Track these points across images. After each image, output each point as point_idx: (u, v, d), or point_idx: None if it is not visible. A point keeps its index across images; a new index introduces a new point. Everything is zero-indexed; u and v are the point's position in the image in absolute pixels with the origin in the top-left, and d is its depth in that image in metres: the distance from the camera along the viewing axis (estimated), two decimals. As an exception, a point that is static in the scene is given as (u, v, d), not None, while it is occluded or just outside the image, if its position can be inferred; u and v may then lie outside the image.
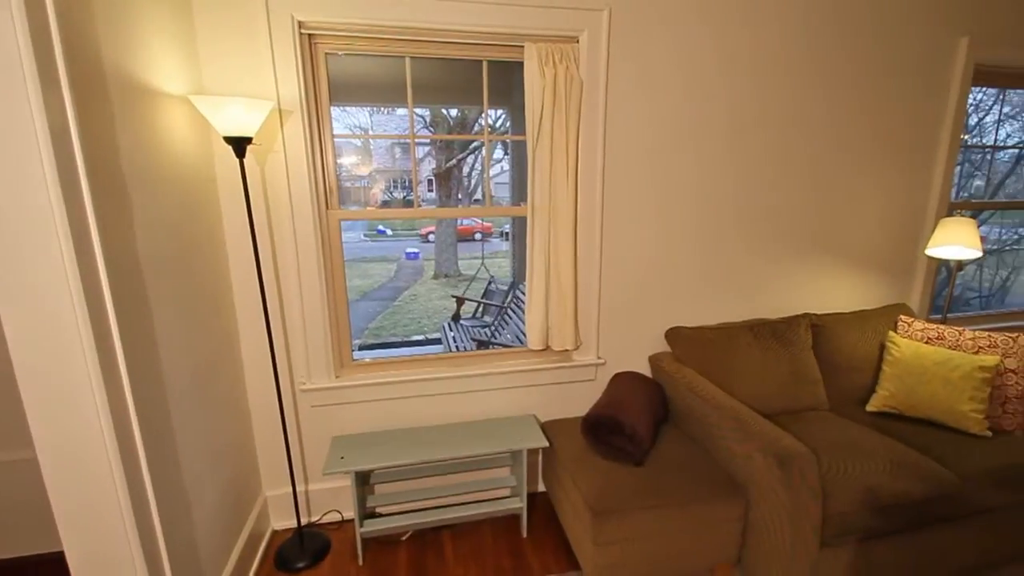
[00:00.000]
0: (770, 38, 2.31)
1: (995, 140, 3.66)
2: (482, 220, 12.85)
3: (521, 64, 2.08)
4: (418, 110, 7.92)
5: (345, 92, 3.99)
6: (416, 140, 2.29)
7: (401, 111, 10.31)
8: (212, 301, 1.84)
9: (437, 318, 7.78)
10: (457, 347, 4.81)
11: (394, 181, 13.83)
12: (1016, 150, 3.60)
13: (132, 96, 1.39)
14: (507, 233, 11.47)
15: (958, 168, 2.81)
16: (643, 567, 1.85)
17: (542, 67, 2.04)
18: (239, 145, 1.70)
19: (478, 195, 9.72)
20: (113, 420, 1.23)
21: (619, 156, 2.28)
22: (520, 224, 4.95)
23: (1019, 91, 3.08)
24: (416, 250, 11.98)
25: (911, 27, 2.47)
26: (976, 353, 2.18)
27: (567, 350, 2.38)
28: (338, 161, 2.13)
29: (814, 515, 1.69)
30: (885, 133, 2.58)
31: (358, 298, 8.97)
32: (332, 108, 2.07)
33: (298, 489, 2.29)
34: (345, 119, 9.87)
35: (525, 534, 2.24)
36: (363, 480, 2.24)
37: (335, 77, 2.08)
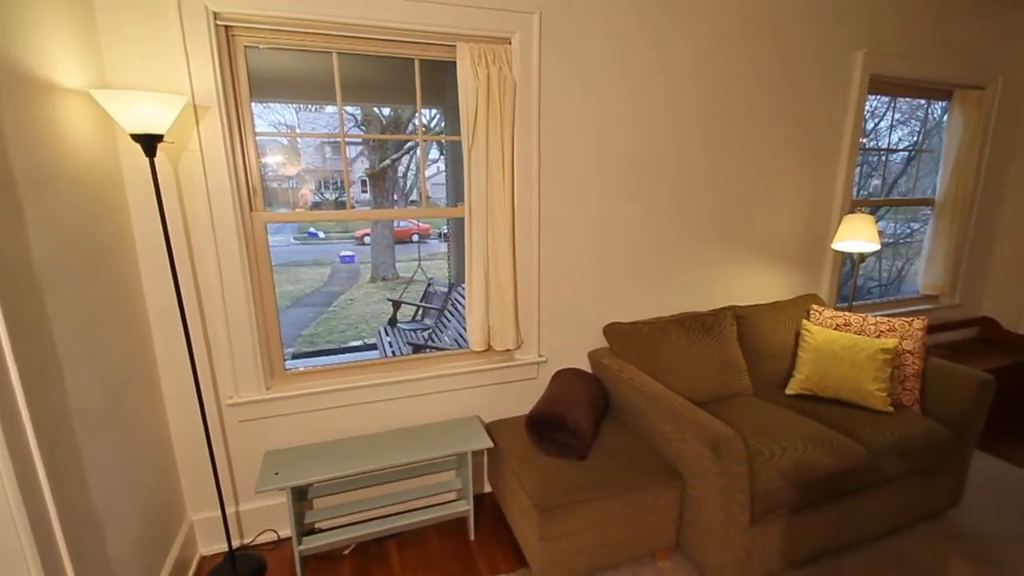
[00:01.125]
0: (691, 53, 2.43)
1: (888, 143, 4.06)
2: (419, 221, 12.66)
3: (454, 64, 2.06)
4: (349, 108, 7.67)
5: (268, 87, 3.79)
6: (347, 139, 2.22)
7: (331, 109, 9.95)
8: (121, 313, 1.68)
9: (375, 323, 7.57)
10: (393, 352, 4.70)
11: (325, 182, 13.32)
12: (906, 152, 4.01)
13: (17, 90, 1.24)
14: (445, 234, 11.36)
15: (858, 169, 3.08)
16: (589, 558, 1.89)
17: (475, 67, 2.03)
18: (148, 143, 1.57)
19: (414, 196, 9.56)
20: (9, 450, 1.09)
21: (555, 157, 2.31)
22: (458, 225, 4.91)
23: (907, 99, 3.44)
24: (351, 253, 11.60)
25: (815, 41, 2.69)
26: (878, 337, 2.40)
27: (509, 350, 2.38)
28: (262, 160, 2.02)
29: (744, 494, 1.79)
30: (796, 139, 2.79)
31: (289, 304, 8.56)
32: (254, 104, 1.96)
33: (228, 510, 2.14)
34: (269, 116, 9.39)
35: (473, 536, 2.23)
36: (300, 496, 2.14)
37: (257, 71, 1.96)
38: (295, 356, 6.45)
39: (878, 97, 3.15)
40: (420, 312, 6.27)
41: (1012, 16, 3.14)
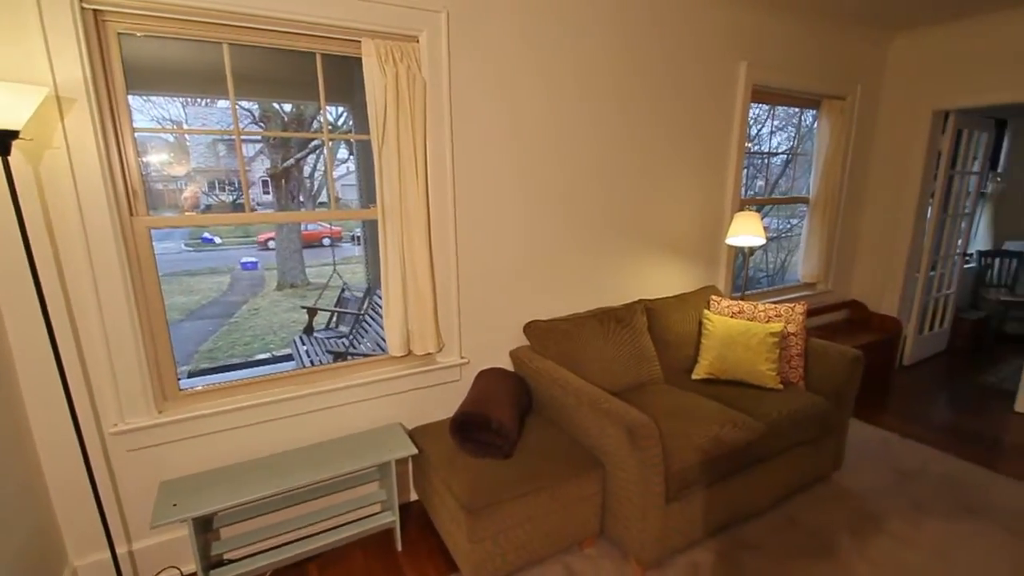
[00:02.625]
0: (599, 62, 2.54)
1: (769, 147, 4.51)
2: (331, 224, 12.08)
3: (360, 60, 1.98)
4: (244, 103, 7.14)
5: (149, 79, 3.42)
6: (243, 137, 2.06)
7: (223, 103, 9.21)
8: (-30, 338, 1.44)
9: (285, 333, 7.12)
10: (312, 362, 4.45)
11: (220, 182, 12.30)
12: (785, 155, 4.47)
13: None
14: (359, 237, 10.95)
15: (744, 171, 3.38)
16: (518, 555, 1.91)
17: (382, 64, 1.97)
18: (2, 141, 1.35)
19: (323, 198, 9.09)
20: None
21: (469, 157, 2.30)
22: (372, 227, 4.75)
23: (784, 107, 3.83)
24: (254, 259, 10.81)
25: (706, 52, 2.91)
26: (767, 322, 2.65)
27: (430, 353, 2.34)
28: (144, 159, 1.82)
29: (659, 475, 1.90)
30: (693, 144, 3.01)
31: (183, 318, 7.81)
32: (131, 97, 1.76)
33: (120, 550, 1.91)
34: (151, 110, 8.51)
35: (400, 548, 2.16)
36: (204, 526, 1.95)
37: (135, 61, 1.77)
38: (192, 374, 5.90)
39: (760, 105, 3.47)
40: (335, 319, 6.00)
41: (867, 35, 3.60)
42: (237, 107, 1.97)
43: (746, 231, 2.93)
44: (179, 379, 1.99)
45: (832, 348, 2.57)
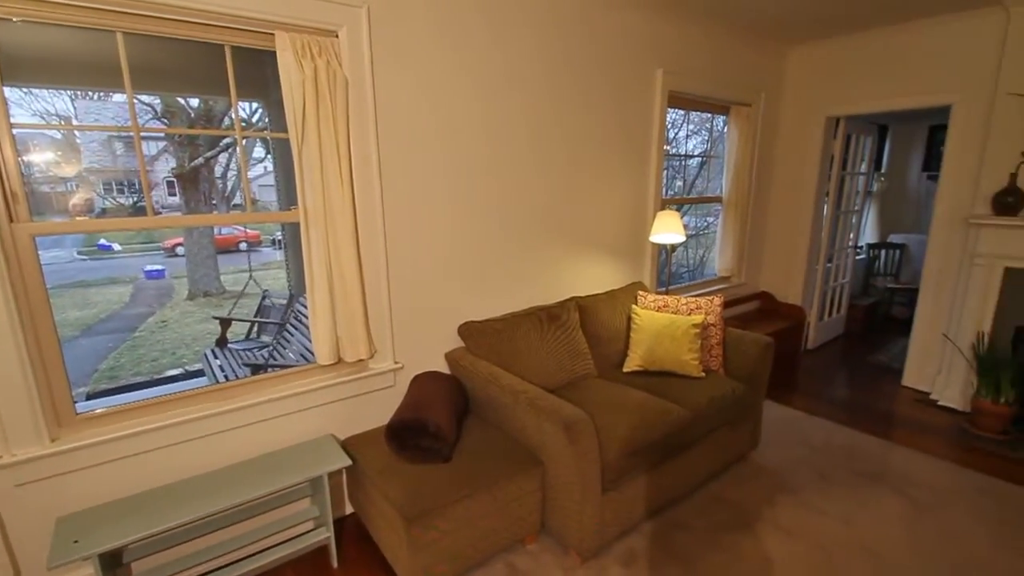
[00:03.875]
0: (525, 62, 2.57)
1: (686, 150, 4.78)
2: (247, 228, 11.36)
3: (275, 54, 1.87)
4: (144, 97, 6.55)
5: (29, 69, 3.04)
6: (143, 133, 1.88)
7: (120, 97, 8.39)
8: None
9: (200, 346, 6.61)
10: (226, 376, 4.16)
11: (117, 184, 11.21)
12: (700, 158, 4.75)
13: None
14: (280, 241, 10.38)
15: (664, 172, 3.55)
16: (460, 560, 1.89)
17: (299, 59, 1.88)
18: None
19: (238, 199, 8.53)
20: None
21: (396, 157, 2.25)
22: (294, 230, 4.52)
23: (698, 112, 4.07)
24: (160, 267, 9.94)
25: (627, 59, 3.03)
26: (689, 315, 2.80)
27: (362, 360, 2.26)
28: (24, 159, 1.61)
29: (595, 467, 1.95)
30: (617, 145, 3.12)
31: (78, 334, 7.04)
32: (7, 89, 1.56)
33: (3, 603, 1.68)
34: (33, 104, 7.59)
35: (336, 564, 2.07)
36: (113, 562, 1.77)
37: (12, 49, 1.56)
38: (92, 396, 5.33)
39: (676, 110, 3.67)
40: (256, 329, 5.65)
41: (768, 47, 3.91)
42: (136, 101, 1.80)
43: (668, 229, 3.08)
44: (75, 402, 1.78)
45: (747, 336, 2.77)
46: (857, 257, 5.40)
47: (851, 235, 4.81)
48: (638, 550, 2.13)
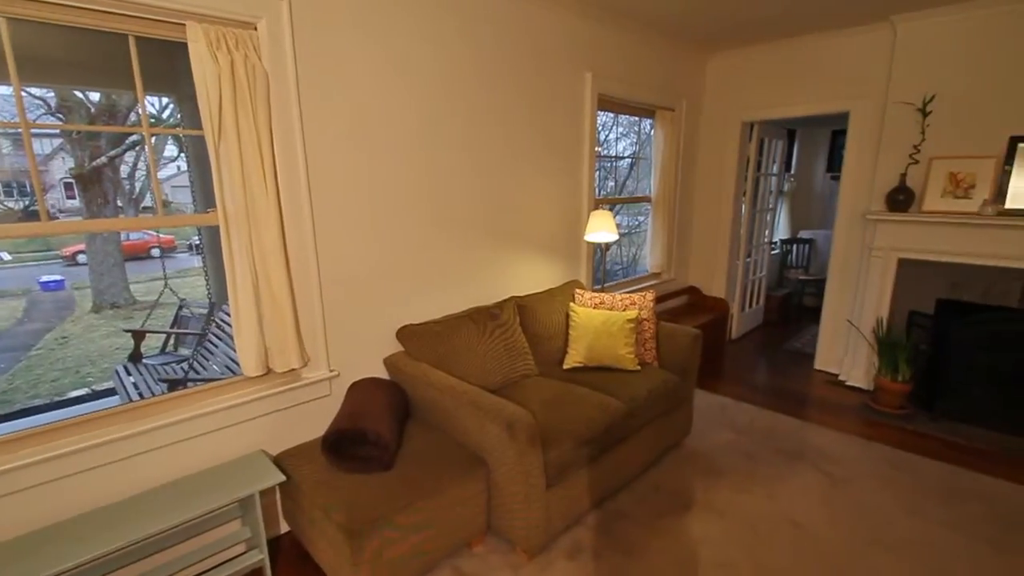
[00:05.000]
0: (460, 58, 2.54)
1: (616, 152, 4.94)
2: (159, 232, 10.51)
3: (187, 45, 1.74)
4: (35, 90, 5.89)
5: None
6: (34, 130, 1.69)
7: (5, 89, 7.50)
8: None
9: (108, 362, 6.03)
10: (141, 394, 3.83)
11: (5, 185, 10.02)
12: (629, 159, 4.92)
13: None
14: (197, 245, 9.68)
15: (597, 173, 3.65)
16: (405, 568, 1.84)
17: (213, 52, 1.75)
18: None
19: (148, 201, 7.86)
20: None
21: (325, 156, 2.16)
22: (213, 234, 4.22)
23: (626, 115, 4.21)
24: (59, 277, 8.97)
25: (558, 61, 3.08)
26: (624, 310, 2.89)
27: (293, 369, 2.15)
28: None
29: (539, 464, 1.97)
30: (551, 146, 3.17)
31: (-41, 355, 6.22)
32: None
33: None
34: None
35: (269, 588, 1.95)
36: (4, 612, 1.57)
37: None
38: (-22, 424, 4.72)
39: (606, 113, 3.78)
40: (173, 341, 5.24)
41: (689, 53, 4.11)
42: (24, 94, 1.61)
43: (601, 228, 3.17)
44: (-48, 434, 1.57)
45: (678, 329, 2.90)
46: (772, 252, 5.80)
47: (766, 232, 5.17)
48: (583, 542, 2.17)
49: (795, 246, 6.25)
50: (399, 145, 2.40)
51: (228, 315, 2.42)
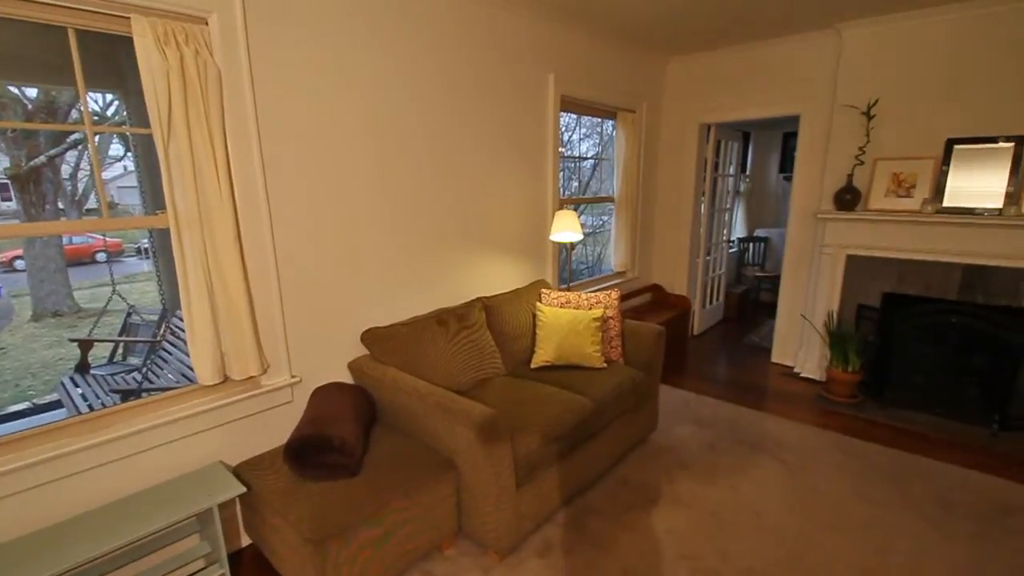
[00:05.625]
0: (424, 59, 2.52)
1: (579, 152, 5.00)
2: (105, 235, 9.98)
3: (132, 39, 1.66)
4: (-38, 85, 5.48)
5: None
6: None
7: (-74, 84, 6.95)
8: None
9: (51, 374, 5.68)
10: (91, 406, 3.63)
11: (-70, 188, 9.31)
12: (593, 160, 4.98)
13: None
14: (147, 249, 9.24)
15: (561, 173, 3.68)
16: (374, 575, 1.80)
17: (161, 47, 1.68)
18: None
19: (93, 203, 7.44)
20: None
21: (283, 155, 2.09)
22: (164, 237, 4.04)
23: (588, 117, 4.26)
24: (-7, 285, 8.40)
25: (521, 64, 3.10)
26: (590, 309, 2.92)
27: (252, 376, 2.07)
28: None
29: (509, 464, 1.97)
30: (517, 147, 3.17)
31: None
32: None
33: None
34: None
35: (230, 604, 1.88)
36: (-65, 647, 1.45)
37: None
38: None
39: (569, 114, 3.82)
40: (123, 350, 4.98)
41: (649, 57, 4.20)
42: (-55, 86, 1.50)
43: (566, 228, 3.19)
44: None
45: (642, 327, 2.95)
46: (730, 250, 5.99)
47: (724, 230, 5.34)
48: (554, 539, 2.18)
49: (751, 244, 6.48)
50: (360, 145, 2.36)
51: (182, 321, 2.32)
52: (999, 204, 3.00)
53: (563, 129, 3.80)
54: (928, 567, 2.02)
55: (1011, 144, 2.97)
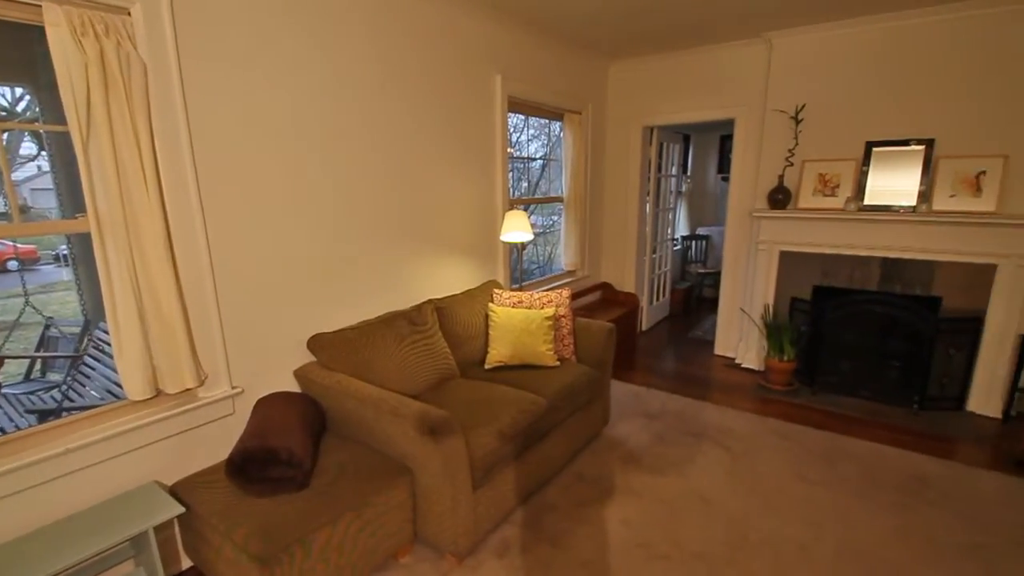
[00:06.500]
0: (365, 60, 2.46)
1: (528, 153, 5.04)
2: (16, 242, 9.12)
3: (44, 29, 1.53)
4: None
5: None
6: None
7: None
8: None
9: (-48, 396, 5.13)
10: (2, 428, 3.31)
11: None
12: (541, 160, 5.04)
13: None
14: (66, 256, 8.53)
15: (510, 174, 3.70)
16: (326, 592, 1.74)
17: (77, 38, 1.55)
18: None
19: (2, 206, 6.79)
20: None
21: (217, 156, 1.99)
22: (85, 242, 3.74)
23: (536, 118, 4.31)
24: None
25: (469, 65, 3.09)
26: (542, 308, 2.95)
27: (189, 389, 1.95)
28: None
29: (464, 466, 1.95)
30: (466, 147, 3.16)
31: None
32: None
33: None
34: None
35: (170, 632, 1.77)
36: None
37: None
38: None
39: (517, 115, 3.84)
40: (39, 366, 4.58)
41: (593, 60, 4.29)
42: None
43: (516, 228, 3.21)
44: None
45: (593, 324, 3.01)
46: (674, 248, 6.22)
47: (669, 229, 5.53)
48: (511, 539, 2.19)
49: (694, 242, 6.75)
50: (302, 144, 2.28)
51: (107, 333, 2.16)
52: (913, 202, 3.28)
53: (511, 130, 3.82)
54: (857, 538, 2.17)
55: (922, 147, 3.25)
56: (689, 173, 7.02)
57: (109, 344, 2.34)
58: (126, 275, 1.72)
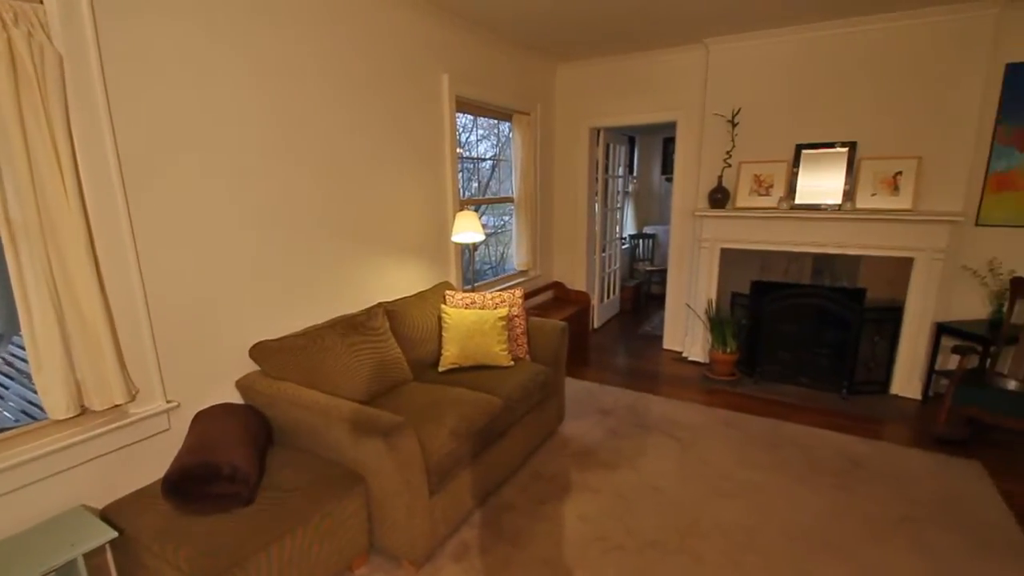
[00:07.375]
0: (309, 56, 2.37)
1: (478, 153, 5.02)
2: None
3: (-61, 12, 1.39)
4: None
5: None
6: None
7: None
8: None
9: None
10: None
11: None
12: (491, 161, 5.04)
13: None
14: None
15: (460, 174, 3.68)
16: (276, 610, 1.67)
17: (-15, 24, 1.42)
18: None
19: None
20: None
21: (145, 157, 1.86)
22: (-3, 252, 3.42)
23: (485, 118, 4.31)
24: None
25: (416, 64, 3.04)
26: (495, 308, 2.95)
27: (118, 405, 1.82)
28: None
29: (420, 471, 1.92)
30: (414, 148, 3.11)
31: None
32: None
33: None
34: None
35: (102, 668, 1.64)
36: None
37: None
38: None
39: (466, 115, 3.83)
40: (-58, 389, 4.13)
41: (541, 61, 4.33)
42: None
43: (467, 229, 3.20)
44: None
45: (546, 323, 3.04)
46: (623, 247, 6.38)
47: (617, 228, 5.67)
48: (470, 541, 2.17)
49: (641, 240, 6.95)
50: (239, 145, 2.17)
51: (22, 348, 1.99)
52: (838, 200, 3.51)
53: (460, 130, 3.80)
54: (799, 519, 2.29)
55: (845, 149, 3.48)
56: (635, 174, 7.22)
57: (24, 360, 2.15)
58: (43, 284, 1.59)
